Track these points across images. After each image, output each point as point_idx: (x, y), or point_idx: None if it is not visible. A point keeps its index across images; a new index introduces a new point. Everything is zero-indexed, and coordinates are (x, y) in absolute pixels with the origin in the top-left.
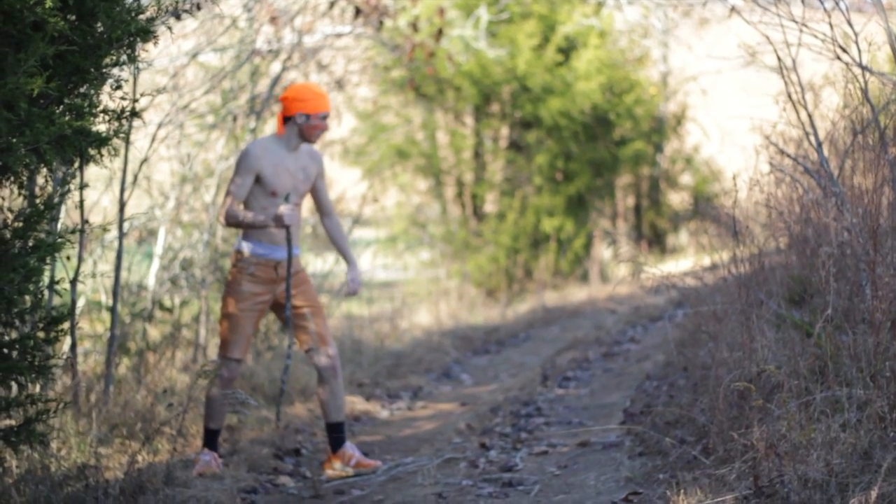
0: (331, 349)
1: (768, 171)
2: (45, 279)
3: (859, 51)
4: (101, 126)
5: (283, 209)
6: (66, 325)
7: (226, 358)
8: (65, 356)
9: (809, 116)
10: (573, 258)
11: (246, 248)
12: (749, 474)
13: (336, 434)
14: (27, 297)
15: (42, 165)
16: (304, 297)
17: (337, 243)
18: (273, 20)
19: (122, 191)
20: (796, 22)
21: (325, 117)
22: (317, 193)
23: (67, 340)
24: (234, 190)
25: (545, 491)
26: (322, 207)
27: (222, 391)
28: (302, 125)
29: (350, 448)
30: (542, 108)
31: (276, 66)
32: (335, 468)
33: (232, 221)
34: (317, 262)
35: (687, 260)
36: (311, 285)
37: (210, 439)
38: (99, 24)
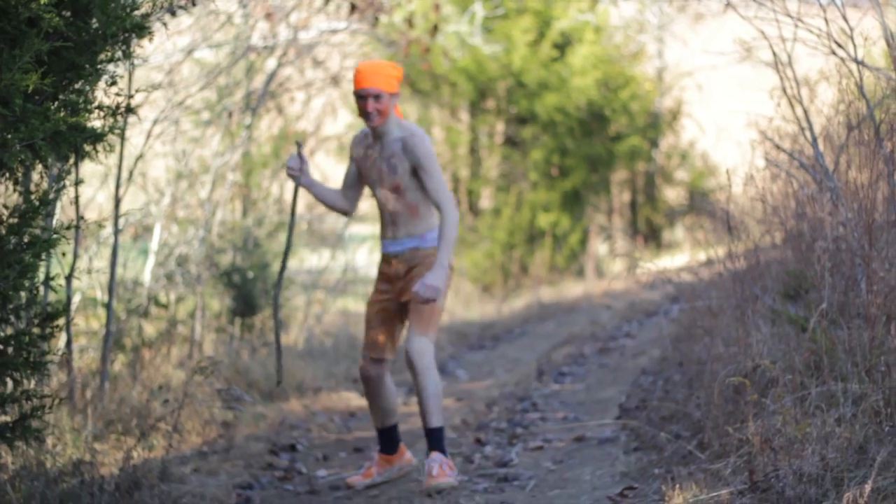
0: (411, 348)
1: (764, 167)
2: (41, 275)
3: (854, 46)
4: (96, 122)
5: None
6: (61, 322)
7: (362, 354)
8: (60, 352)
9: (805, 112)
10: (569, 254)
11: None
12: (744, 469)
13: (430, 439)
14: (22, 294)
15: (37, 161)
16: (414, 297)
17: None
18: (268, 16)
19: (118, 187)
20: (792, 17)
21: (360, 95)
22: (421, 186)
23: (63, 337)
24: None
25: (540, 486)
26: (430, 201)
27: (365, 387)
28: None
29: (437, 459)
30: (537, 103)
31: (271, 63)
32: (388, 465)
33: None
34: (312, 258)
35: (682, 255)
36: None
37: (380, 441)
38: (94, 20)
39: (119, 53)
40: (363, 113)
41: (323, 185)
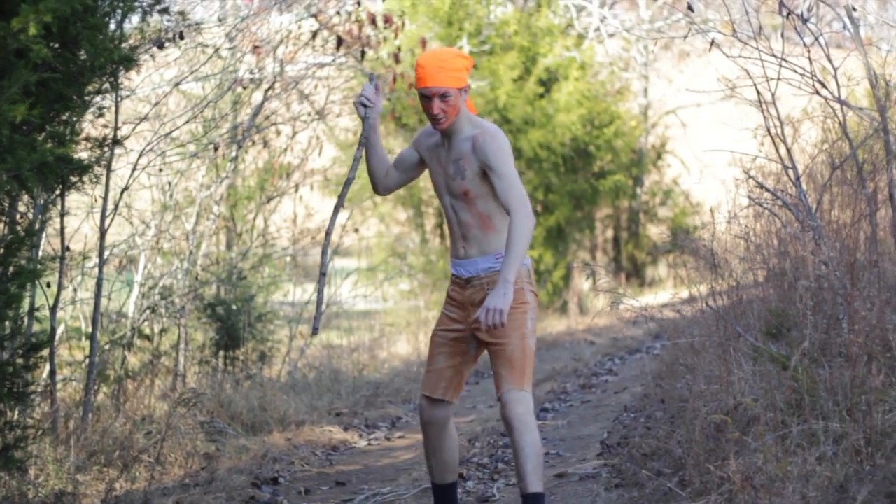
0: (508, 399)
1: (747, 205)
2: (25, 306)
3: (838, 86)
4: (82, 153)
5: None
6: (45, 352)
7: (420, 393)
8: (44, 383)
9: (788, 150)
10: (552, 290)
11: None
12: None
13: None
14: (7, 324)
15: (24, 192)
16: (489, 332)
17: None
18: (255, 50)
19: (103, 218)
20: (776, 56)
21: (424, 95)
22: (492, 188)
23: (46, 367)
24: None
25: None
26: (501, 204)
27: (426, 438)
28: None
29: None
30: (522, 139)
31: (258, 96)
32: None
33: None
34: (296, 292)
35: (665, 292)
36: (515, 313)
37: (437, 501)
38: (82, 52)
39: (106, 85)
40: (429, 115)
41: (380, 144)
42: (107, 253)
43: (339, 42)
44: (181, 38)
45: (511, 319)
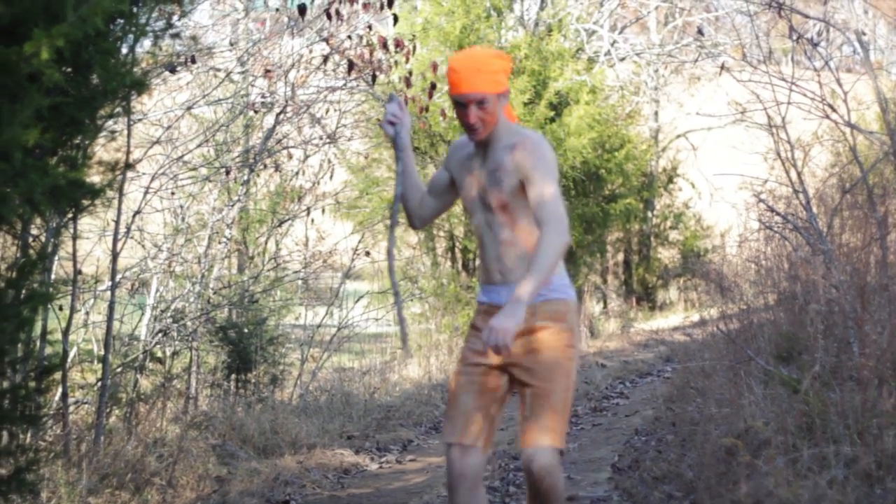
0: (534, 452)
1: (757, 229)
2: (38, 329)
3: (848, 110)
4: (95, 177)
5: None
6: (57, 375)
7: (445, 443)
8: (56, 406)
9: (798, 174)
10: None
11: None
12: None
13: None
14: (19, 347)
15: (36, 216)
16: (532, 372)
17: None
18: (267, 73)
19: (115, 242)
20: (786, 80)
21: (459, 102)
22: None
23: (59, 390)
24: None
25: None
26: (532, 213)
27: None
28: None
29: None
30: None
31: (269, 120)
32: None
33: None
34: (307, 315)
35: (676, 316)
36: (552, 351)
37: None
38: (94, 76)
39: (119, 109)
40: (464, 124)
41: (414, 168)
42: (119, 276)
43: (351, 66)
44: (193, 62)
45: (559, 365)
